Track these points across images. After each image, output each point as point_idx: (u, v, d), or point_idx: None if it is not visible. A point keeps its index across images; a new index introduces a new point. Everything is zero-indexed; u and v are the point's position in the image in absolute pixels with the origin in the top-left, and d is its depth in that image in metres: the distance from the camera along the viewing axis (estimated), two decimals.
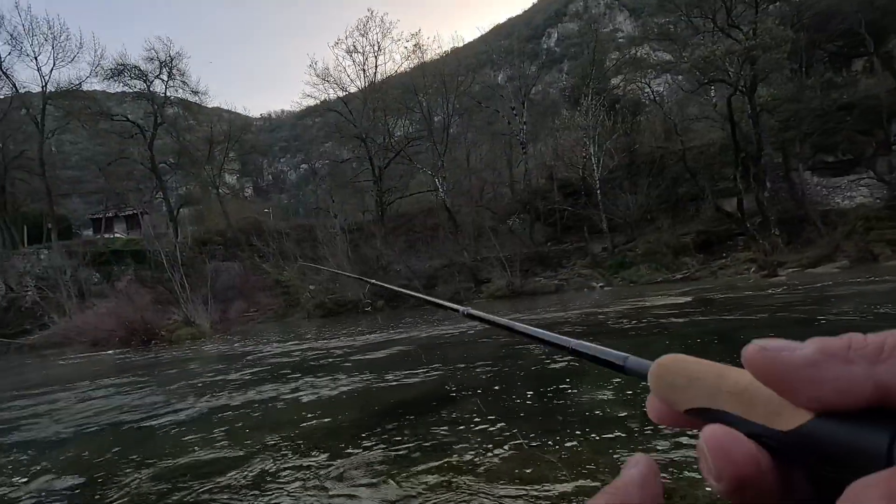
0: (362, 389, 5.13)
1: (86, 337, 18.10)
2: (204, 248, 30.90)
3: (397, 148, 33.45)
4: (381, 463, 2.82)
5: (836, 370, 0.19)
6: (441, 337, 9.43)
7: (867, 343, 0.19)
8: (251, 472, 2.90)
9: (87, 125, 35.01)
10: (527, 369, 5.13)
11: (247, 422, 4.29)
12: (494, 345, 7.41)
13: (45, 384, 9.21)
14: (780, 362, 0.20)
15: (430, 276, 25.25)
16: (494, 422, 3.31)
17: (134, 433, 4.38)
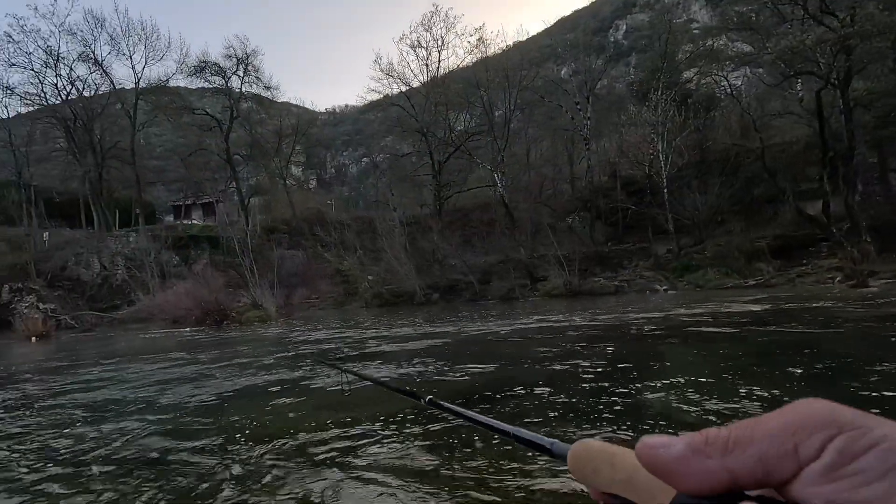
0: (423, 377, 5.25)
1: (166, 314, 19.66)
2: (271, 235, 32.58)
3: (457, 142, 33.58)
4: (442, 448, 2.89)
5: (697, 464, 0.25)
6: (497, 333, 9.44)
7: (718, 437, 0.25)
8: (324, 447, 3.07)
9: (172, 119, 37.84)
10: (587, 367, 5.04)
11: (315, 399, 4.52)
12: (557, 342, 7.33)
13: (132, 354, 10.14)
14: (658, 457, 0.26)
15: (484, 271, 25.22)
16: (555, 419, 3.30)
17: (213, 401, 4.75)
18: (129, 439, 3.51)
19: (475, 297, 23.65)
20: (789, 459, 0.23)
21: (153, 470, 2.83)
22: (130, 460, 3.02)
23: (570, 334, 8.30)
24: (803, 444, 0.23)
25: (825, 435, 0.23)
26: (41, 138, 38.52)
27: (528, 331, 9.28)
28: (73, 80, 34.53)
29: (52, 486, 2.68)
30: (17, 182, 32.86)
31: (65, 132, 34.78)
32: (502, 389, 4.41)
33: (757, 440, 0.24)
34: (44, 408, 4.99)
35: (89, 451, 3.28)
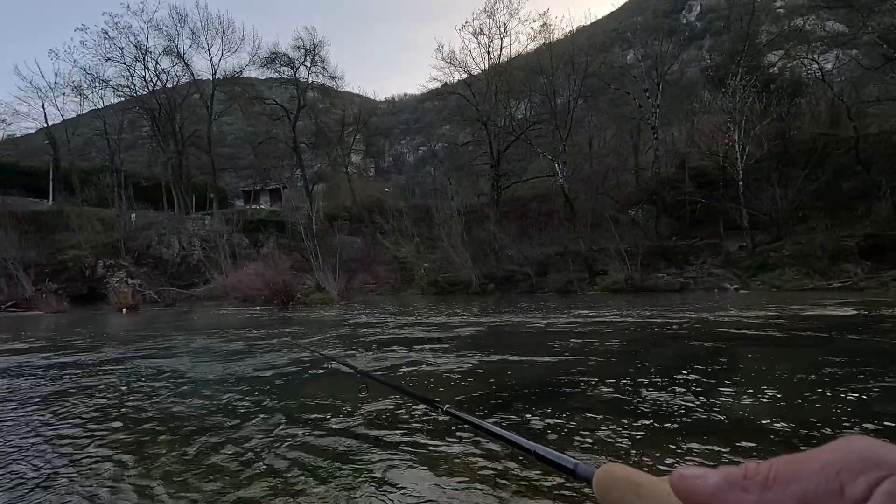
0: (473, 367, 5.30)
1: (237, 293, 20.96)
2: (333, 221, 33.76)
3: (517, 131, 33.12)
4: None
5: (734, 498, 0.24)
6: (553, 325, 9.32)
7: (758, 472, 0.24)
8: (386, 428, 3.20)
9: (244, 108, 39.93)
10: (650, 368, 4.89)
11: (401, 376, 4.70)
12: (617, 339, 7.15)
13: (207, 328, 10.93)
14: (695, 488, 0.25)
15: (541, 263, 24.88)
16: (607, 427, 3.23)
17: (286, 375, 5.05)
18: (177, 401, 3.83)
19: (531, 288, 23.42)
20: (834, 500, 0.22)
21: (181, 429, 3.07)
22: (176, 417, 3.30)
23: (631, 331, 8.06)
24: (850, 485, 0.22)
25: (874, 476, 0.22)
26: (130, 127, 41.90)
27: (587, 325, 9.09)
28: (158, 73, 37.25)
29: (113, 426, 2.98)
30: (111, 167, 35.99)
31: (150, 121, 37.66)
32: (555, 386, 4.37)
33: (800, 477, 0.23)
34: (126, 370, 5.51)
35: (158, 406, 3.61)
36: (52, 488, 2.34)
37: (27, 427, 3.43)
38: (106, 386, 4.82)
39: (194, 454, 2.75)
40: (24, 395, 4.55)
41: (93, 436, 3.15)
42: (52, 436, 3.22)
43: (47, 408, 4.00)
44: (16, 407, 4.08)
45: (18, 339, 10.14)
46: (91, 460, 2.71)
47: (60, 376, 5.48)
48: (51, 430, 3.31)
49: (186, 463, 2.61)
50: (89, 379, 5.21)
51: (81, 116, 41.24)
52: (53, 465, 2.67)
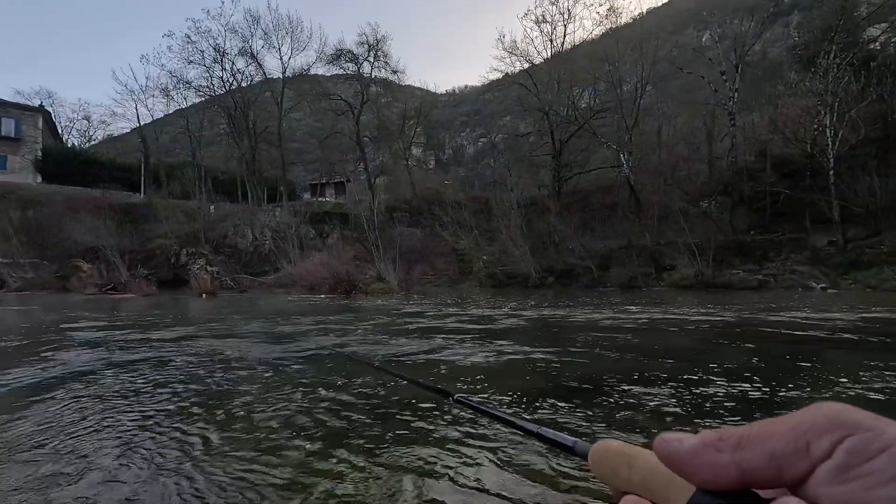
0: (529, 360, 5.22)
1: (305, 282, 21.99)
2: (393, 213, 34.50)
3: (580, 121, 32.10)
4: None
5: (709, 457, 0.26)
6: (616, 321, 8.99)
7: (733, 434, 0.26)
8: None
9: (311, 104, 41.60)
10: (723, 373, 4.59)
11: (441, 368, 4.76)
12: (687, 339, 6.79)
13: (278, 313, 11.56)
14: (673, 451, 0.27)
15: (604, 257, 24.07)
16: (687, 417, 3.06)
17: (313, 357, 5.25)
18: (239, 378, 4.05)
19: (593, 283, 22.75)
20: (800, 458, 0.24)
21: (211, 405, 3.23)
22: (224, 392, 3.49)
23: (699, 330, 7.61)
24: (815, 444, 0.23)
25: (837, 435, 0.23)
26: (209, 125, 44.87)
27: (653, 322, 8.69)
28: (234, 73, 39.61)
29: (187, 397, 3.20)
30: (192, 163, 38.83)
31: (227, 119, 40.17)
32: (606, 384, 4.22)
33: (770, 438, 0.25)
34: (202, 346, 5.94)
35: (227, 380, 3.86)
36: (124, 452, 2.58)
37: (118, 390, 3.81)
38: (186, 358, 5.25)
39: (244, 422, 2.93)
40: (116, 364, 5.06)
41: (169, 399, 3.45)
42: (137, 400, 3.55)
43: (134, 375, 4.42)
44: (108, 375, 4.54)
45: (117, 317, 11.24)
46: (158, 422, 2.98)
47: (150, 348, 6.06)
48: (136, 396, 3.67)
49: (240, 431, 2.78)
50: (171, 352, 5.70)
51: (168, 116, 44.81)
52: (122, 426, 2.95)
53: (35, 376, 4.72)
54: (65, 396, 3.85)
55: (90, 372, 4.96)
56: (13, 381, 4.56)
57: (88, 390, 4.09)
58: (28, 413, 3.40)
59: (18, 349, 6.67)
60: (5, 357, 6.04)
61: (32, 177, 35.05)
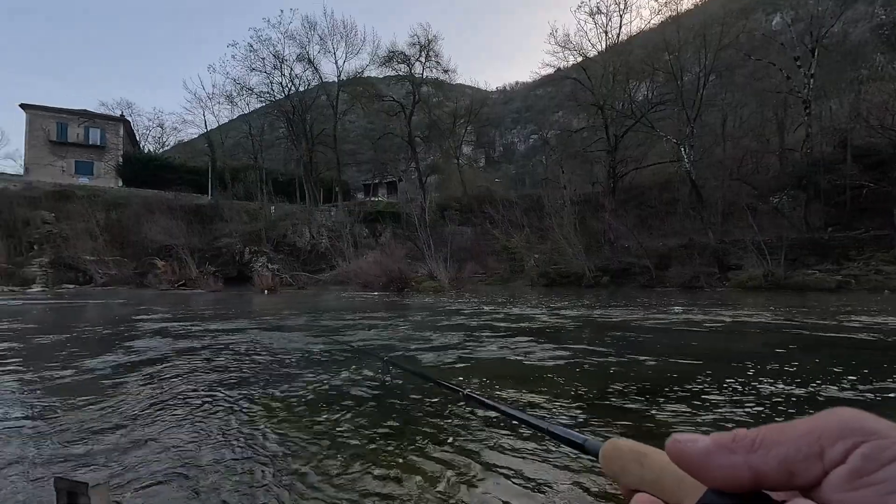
0: (578, 361, 5.08)
1: (359, 279, 22.59)
2: (444, 212, 34.73)
3: (637, 114, 30.91)
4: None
5: (722, 458, 0.26)
6: (675, 323, 8.59)
7: (746, 436, 0.26)
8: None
9: (364, 106, 42.61)
10: (801, 383, 4.28)
11: (496, 368, 4.75)
12: (759, 344, 6.39)
13: (333, 308, 11.95)
14: (685, 451, 0.27)
15: (663, 255, 23.07)
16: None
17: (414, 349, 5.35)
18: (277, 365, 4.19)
19: (651, 282, 21.87)
20: (814, 462, 0.24)
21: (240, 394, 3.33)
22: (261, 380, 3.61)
23: (767, 333, 7.14)
24: (829, 449, 0.23)
25: (852, 441, 0.23)
26: (269, 129, 47.00)
27: (718, 325, 8.24)
28: (292, 78, 41.26)
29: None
30: (254, 165, 40.86)
31: (286, 123, 41.94)
32: (660, 389, 4.02)
33: (784, 441, 0.25)
34: (265, 336, 6.24)
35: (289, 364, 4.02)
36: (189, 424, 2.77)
37: (188, 370, 4.10)
38: (238, 347, 5.56)
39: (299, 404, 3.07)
40: (186, 349, 5.43)
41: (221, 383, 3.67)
42: (205, 380, 3.81)
43: (200, 360, 4.73)
44: (180, 358, 4.89)
45: (188, 310, 12.03)
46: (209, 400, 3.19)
47: (213, 338, 6.47)
48: (204, 376, 3.94)
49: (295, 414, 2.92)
50: (229, 341, 6.05)
51: (232, 121, 47.40)
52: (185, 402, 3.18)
53: (118, 360, 5.42)
54: (141, 376, 4.59)
55: (162, 356, 5.60)
56: (101, 364, 5.07)
57: (161, 371, 4.80)
58: (117, 390, 4.03)
59: (105, 337, 7.33)
60: (94, 344, 6.66)
61: (115, 181, 38.21)
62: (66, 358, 5.59)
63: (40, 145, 36.83)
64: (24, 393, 4.12)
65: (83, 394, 3.97)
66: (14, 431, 3.08)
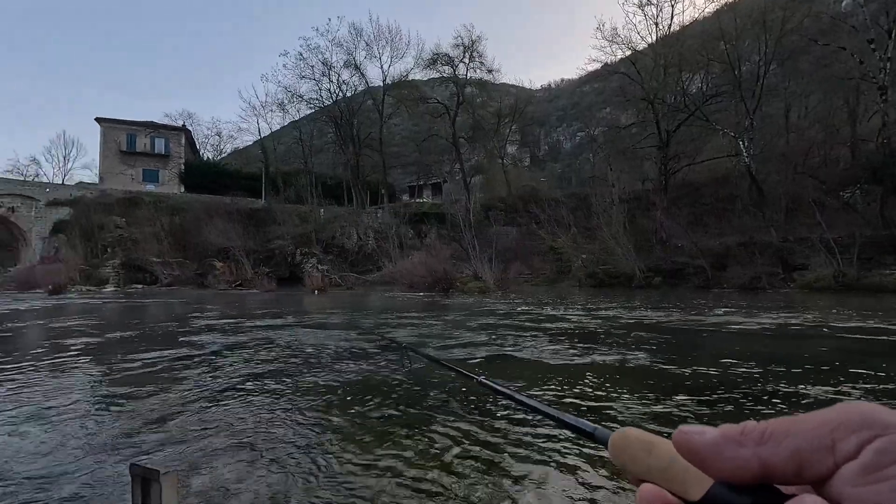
0: (645, 365, 4.89)
1: (404, 280, 22.88)
2: (489, 212, 34.58)
3: (691, 107, 29.58)
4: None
5: (730, 451, 0.25)
6: (731, 325, 8.14)
7: (756, 429, 0.26)
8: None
9: (409, 109, 43.15)
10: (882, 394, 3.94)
11: (548, 369, 4.68)
12: (828, 345, 5.96)
13: (379, 308, 12.17)
14: (693, 443, 0.27)
15: (719, 255, 21.94)
16: None
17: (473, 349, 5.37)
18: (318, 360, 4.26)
19: (706, 283, 20.86)
20: (825, 456, 0.23)
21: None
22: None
23: (838, 339, 6.63)
24: (841, 442, 0.23)
25: (865, 435, 0.23)
26: (318, 134, 48.49)
27: (783, 328, 7.75)
28: (340, 84, 42.43)
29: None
30: (305, 169, 42.30)
31: (334, 127, 43.16)
32: (713, 400, 3.80)
33: (795, 434, 0.24)
34: (315, 336, 6.43)
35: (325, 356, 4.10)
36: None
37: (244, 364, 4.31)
38: (285, 341, 5.76)
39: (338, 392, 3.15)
40: (239, 343, 5.69)
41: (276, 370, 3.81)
42: (260, 372, 3.98)
43: (250, 352, 4.95)
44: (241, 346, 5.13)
45: (244, 309, 12.61)
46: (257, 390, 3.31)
47: (267, 332, 6.76)
48: (260, 367, 4.12)
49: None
50: (276, 335, 6.28)
51: (284, 128, 49.30)
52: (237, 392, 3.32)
53: (180, 352, 5.97)
54: (201, 367, 5.04)
55: (219, 350, 6.09)
56: (165, 356, 5.45)
57: (218, 362, 5.27)
58: (180, 379, 4.40)
59: (169, 332, 7.82)
60: (159, 338, 7.13)
61: (177, 187, 40.67)
62: (134, 350, 6.03)
63: (112, 155, 39.74)
64: (99, 382, 4.48)
65: (149, 383, 4.29)
66: (90, 417, 3.37)
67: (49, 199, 32.04)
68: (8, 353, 6.36)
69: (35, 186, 33.65)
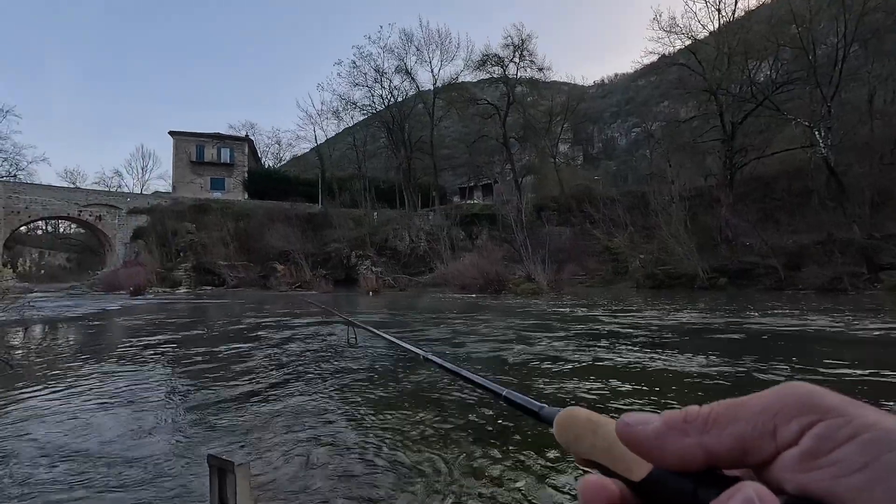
0: (714, 370, 4.62)
1: (456, 281, 22.97)
2: (541, 213, 34.05)
3: (759, 97, 27.71)
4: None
5: (674, 441, 0.25)
6: (810, 330, 7.53)
7: (699, 415, 0.25)
8: None
9: (460, 112, 43.33)
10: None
11: (616, 373, 4.54)
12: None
13: (432, 310, 12.28)
14: (635, 434, 0.26)
15: (793, 254, 20.39)
16: None
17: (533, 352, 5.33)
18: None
19: (779, 284, 19.45)
20: (767, 442, 0.23)
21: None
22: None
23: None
24: (782, 427, 0.23)
25: (806, 420, 0.22)
26: (371, 139, 49.76)
27: (871, 335, 7.10)
28: (391, 90, 43.31)
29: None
30: (359, 174, 43.50)
31: (386, 132, 44.10)
32: None
33: (737, 419, 0.24)
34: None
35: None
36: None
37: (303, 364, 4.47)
38: (327, 337, 5.92)
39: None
40: (298, 337, 5.92)
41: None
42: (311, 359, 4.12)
43: (299, 345, 5.13)
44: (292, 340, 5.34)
45: (305, 309, 13.12)
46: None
47: (321, 330, 7.00)
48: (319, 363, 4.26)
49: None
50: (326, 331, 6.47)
51: (338, 135, 50.98)
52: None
53: (244, 347, 6.24)
54: (262, 360, 5.45)
55: (278, 345, 6.22)
56: (233, 350, 5.78)
57: (277, 356, 5.66)
58: (245, 371, 4.69)
59: (237, 330, 8.28)
60: (228, 335, 7.56)
61: (242, 194, 43.06)
62: (207, 344, 6.45)
63: (183, 166, 42.67)
64: (177, 373, 4.83)
65: (219, 373, 4.57)
66: (164, 408, 3.63)
67: (129, 208, 34.86)
68: (99, 347, 6.99)
69: (118, 196, 36.75)
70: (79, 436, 3.02)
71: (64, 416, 3.40)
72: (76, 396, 3.95)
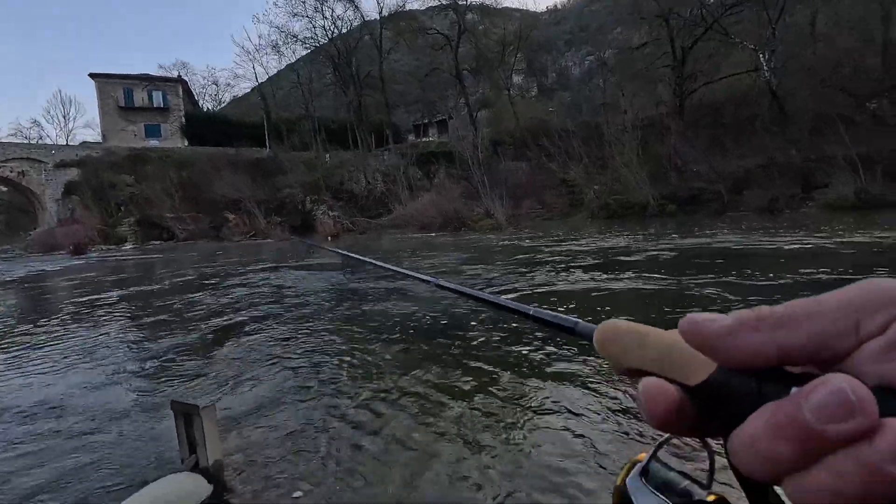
0: (656, 290, 4.89)
1: (416, 221, 22.92)
2: (497, 148, 33.77)
3: (709, 20, 27.65)
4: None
5: (746, 337, 0.24)
6: (743, 247, 8.04)
7: (773, 314, 0.24)
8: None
9: (409, 42, 41.16)
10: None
11: (583, 299, 4.72)
12: (845, 263, 5.88)
13: (390, 249, 12.27)
14: (705, 330, 0.25)
15: (738, 179, 21.38)
16: None
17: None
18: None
19: (723, 208, 20.49)
20: (848, 336, 0.22)
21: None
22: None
23: (852, 257, 6.53)
24: (866, 321, 0.22)
25: (891, 312, 0.22)
26: (317, 76, 46.82)
27: (792, 249, 7.65)
28: (334, 20, 40.42)
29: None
30: (306, 115, 41.29)
31: (332, 68, 41.55)
32: None
33: (814, 316, 0.23)
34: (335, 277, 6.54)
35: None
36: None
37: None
38: (294, 283, 5.88)
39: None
40: (258, 283, 5.82)
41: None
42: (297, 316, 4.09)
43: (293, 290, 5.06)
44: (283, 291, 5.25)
45: (259, 258, 12.81)
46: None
47: (284, 276, 6.90)
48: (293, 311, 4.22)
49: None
50: (301, 277, 6.40)
51: (281, 72, 47.59)
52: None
53: (205, 299, 5.93)
54: (223, 310, 5.20)
55: (242, 296, 6.02)
56: (192, 304, 5.60)
57: (238, 305, 5.37)
58: (205, 322, 4.51)
59: (192, 283, 7.99)
60: (186, 288, 7.29)
61: (181, 141, 40.20)
62: (161, 298, 6.21)
63: (112, 112, 39.09)
64: (127, 329, 4.65)
65: (177, 326, 4.44)
66: (122, 361, 3.52)
67: (56, 161, 32.00)
68: (44, 309, 6.61)
69: (40, 149, 33.52)
70: (35, 395, 2.90)
71: (16, 378, 3.24)
72: (25, 360, 3.76)
